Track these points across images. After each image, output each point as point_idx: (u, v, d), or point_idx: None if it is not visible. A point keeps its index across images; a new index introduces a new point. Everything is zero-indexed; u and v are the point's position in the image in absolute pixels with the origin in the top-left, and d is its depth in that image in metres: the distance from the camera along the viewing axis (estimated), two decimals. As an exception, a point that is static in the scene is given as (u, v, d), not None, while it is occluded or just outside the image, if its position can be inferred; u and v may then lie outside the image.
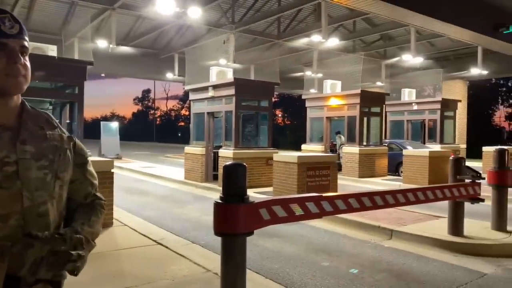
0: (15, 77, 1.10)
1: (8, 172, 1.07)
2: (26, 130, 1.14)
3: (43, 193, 1.13)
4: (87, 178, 1.32)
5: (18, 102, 1.17)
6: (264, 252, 5.36)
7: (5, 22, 1.10)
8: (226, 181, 3.07)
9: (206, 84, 11.95)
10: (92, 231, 1.24)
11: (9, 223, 1.06)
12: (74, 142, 1.29)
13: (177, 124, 68.33)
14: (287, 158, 9.26)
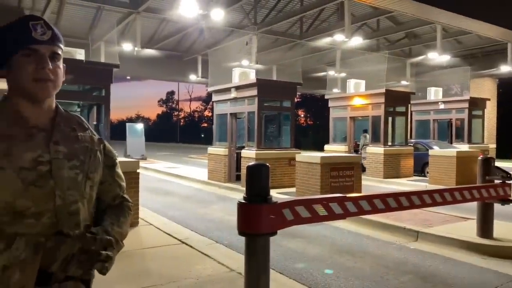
0: (43, 82, 1.13)
1: (42, 171, 1.11)
2: (59, 132, 1.18)
3: (75, 192, 1.16)
4: (115, 180, 1.36)
5: (52, 105, 1.22)
6: (287, 253, 5.36)
7: (37, 29, 1.13)
8: (249, 182, 3.09)
9: (229, 85, 12.03)
10: (121, 232, 1.27)
11: (42, 221, 1.10)
12: (104, 144, 1.33)
13: (200, 125, 69.01)
14: (310, 158, 9.21)
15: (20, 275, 1.01)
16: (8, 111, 1.14)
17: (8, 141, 1.08)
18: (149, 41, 19.41)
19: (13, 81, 1.15)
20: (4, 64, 1.14)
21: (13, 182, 1.06)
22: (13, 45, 1.13)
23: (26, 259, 1.02)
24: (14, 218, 1.07)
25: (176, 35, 19.09)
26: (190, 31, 18.67)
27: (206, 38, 19.73)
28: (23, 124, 1.13)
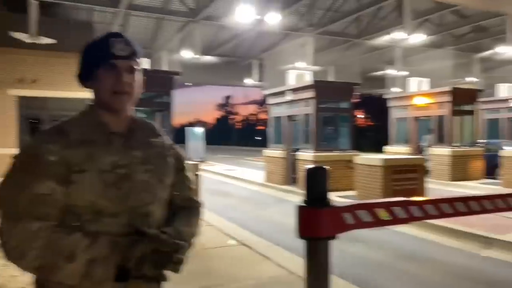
0: (119, 94, 1.22)
1: (120, 174, 1.19)
2: (135, 138, 1.27)
3: (148, 194, 1.24)
4: (185, 183, 1.42)
5: (129, 113, 1.31)
6: (348, 257, 5.26)
7: (117, 45, 1.22)
8: (308, 184, 3.07)
9: (285, 88, 12.06)
10: (192, 233, 1.35)
11: (119, 220, 1.18)
12: (175, 149, 1.41)
13: (256, 128, 69.65)
14: (371, 160, 8.96)
15: (101, 270, 1.09)
16: (92, 118, 1.25)
17: (91, 146, 1.18)
18: (207, 48, 19.98)
19: (96, 92, 1.26)
20: (90, 76, 1.26)
21: (95, 184, 1.15)
22: (96, 60, 1.23)
23: (106, 255, 1.11)
24: (94, 217, 1.16)
25: (232, 41, 19.48)
26: (246, 37, 18.97)
27: (262, 42, 19.93)
28: (104, 131, 1.23)
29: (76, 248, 1.08)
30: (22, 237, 1.07)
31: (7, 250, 1.08)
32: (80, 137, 1.18)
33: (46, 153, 1.13)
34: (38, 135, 1.19)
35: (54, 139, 1.15)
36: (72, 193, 1.14)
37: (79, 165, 1.14)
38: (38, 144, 1.15)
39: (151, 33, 17.88)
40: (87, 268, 1.08)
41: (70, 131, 1.18)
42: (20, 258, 1.08)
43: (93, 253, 1.09)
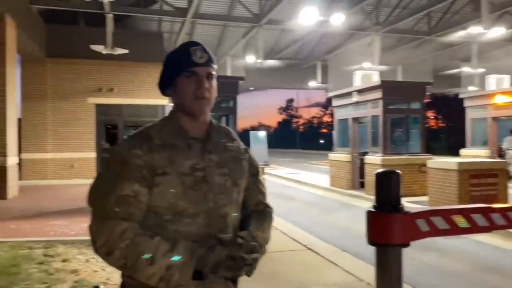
0: (200, 100, 1.28)
1: (198, 177, 1.24)
2: (212, 142, 1.32)
3: (224, 197, 1.29)
4: (258, 187, 1.46)
5: (207, 119, 1.36)
6: (421, 266, 4.97)
7: (196, 53, 1.28)
8: (379, 189, 2.94)
9: (350, 89, 11.76)
10: (264, 237, 1.37)
11: (197, 221, 1.23)
12: (249, 154, 1.45)
13: (320, 131, 68.76)
14: (445, 164, 8.42)
15: (179, 276, 1.15)
16: (173, 124, 1.31)
17: (173, 150, 1.24)
18: (270, 52, 20.13)
19: (177, 99, 1.32)
20: (170, 84, 1.32)
21: (176, 186, 1.21)
22: (177, 68, 1.30)
23: (184, 262, 1.16)
24: (175, 217, 1.22)
25: (295, 44, 19.42)
26: (309, 39, 18.80)
27: (326, 44, 19.65)
28: (184, 136, 1.29)
29: (156, 252, 1.14)
30: (109, 236, 1.15)
31: (96, 247, 1.18)
32: (163, 142, 1.25)
33: (133, 158, 1.21)
34: (126, 140, 1.28)
35: (140, 144, 1.23)
36: (155, 194, 1.21)
37: (162, 168, 1.21)
38: (126, 149, 1.23)
39: (216, 40, 18.40)
40: (165, 273, 1.14)
41: (153, 136, 1.26)
42: (107, 255, 1.16)
43: (171, 260, 1.15)
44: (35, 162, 14.49)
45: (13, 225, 6.82)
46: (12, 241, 5.59)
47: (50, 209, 8.36)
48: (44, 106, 14.64)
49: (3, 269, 4.39)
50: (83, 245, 5.45)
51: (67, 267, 4.53)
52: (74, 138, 14.87)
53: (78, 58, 14.61)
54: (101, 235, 1.16)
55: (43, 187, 12.56)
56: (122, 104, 15.38)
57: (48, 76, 14.70)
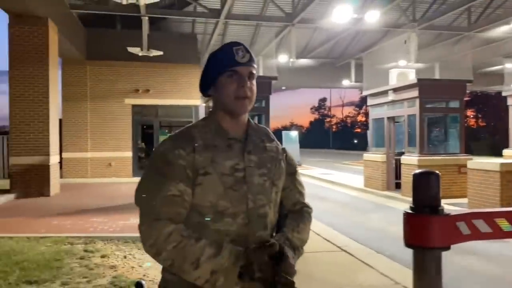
0: (242, 99, 1.29)
1: (238, 177, 1.26)
2: (251, 143, 1.33)
3: (263, 197, 1.29)
4: (296, 186, 1.46)
5: (246, 119, 1.37)
6: (461, 271, 4.79)
7: (239, 53, 1.29)
8: (417, 190, 2.86)
9: (386, 88, 11.49)
10: (301, 238, 1.35)
11: (237, 220, 1.25)
12: (287, 154, 1.45)
13: (353, 130, 67.62)
14: (487, 165, 8.07)
15: (223, 280, 1.16)
16: (213, 124, 1.32)
17: (214, 151, 1.26)
18: (302, 51, 19.99)
19: (218, 99, 1.33)
20: (213, 84, 1.34)
21: (217, 186, 1.23)
22: (220, 67, 1.30)
23: (229, 267, 1.17)
24: (216, 217, 1.24)
25: (328, 42, 19.18)
26: (342, 37, 18.53)
27: (360, 42, 19.30)
28: (224, 136, 1.30)
29: (201, 256, 1.16)
30: (157, 238, 1.17)
31: (146, 246, 1.21)
32: (204, 142, 1.27)
33: (176, 158, 1.23)
34: (169, 141, 1.29)
35: (183, 144, 1.25)
36: (197, 193, 1.23)
37: (204, 168, 1.23)
38: (170, 149, 1.25)
39: (249, 40, 18.47)
40: (210, 277, 1.16)
41: (196, 136, 1.28)
42: (155, 255, 1.19)
43: (216, 265, 1.16)
44: (75, 161, 15.09)
45: (55, 221, 7.13)
46: (54, 236, 5.85)
47: (90, 207, 8.68)
48: (83, 107, 15.23)
49: (47, 263, 4.60)
50: (120, 242, 5.62)
51: (106, 262, 4.69)
52: (112, 138, 15.37)
53: (115, 60, 15.10)
54: (150, 236, 1.18)
55: (83, 185, 13.06)
56: (157, 104, 15.75)
57: (87, 78, 15.27)
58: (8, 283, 3.99)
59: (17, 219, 7.45)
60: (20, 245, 5.35)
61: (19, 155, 10.39)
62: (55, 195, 10.75)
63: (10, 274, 4.24)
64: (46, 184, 10.47)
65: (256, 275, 1.16)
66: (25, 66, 10.43)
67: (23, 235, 5.94)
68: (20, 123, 10.44)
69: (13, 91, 10.46)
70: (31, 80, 10.48)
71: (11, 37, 10.45)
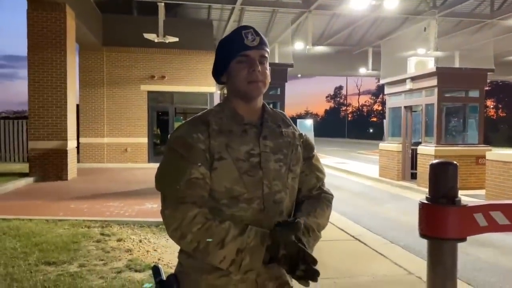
0: (254, 83, 1.27)
1: (253, 163, 1.25)
2: (267, 128, 1.31)
3: (278, 183, 1.27)
4: (312, 171, 1.42)
5: (260, 104, 1.35)
6: (476, 262, 4.74)
7: (248, 36, 1.27)
8: (433, 181, 2.81)
9: (404, 76, 11.29)
10: (318, 222, 1.32)
11: (252, 206, 1.23)
12: (304, 138, 1.42)
13: (369, 119, 66.89)
14: (506, 157, 7.91)
15: (249, 260, 1.16)
16: (228, 110, 1.31)
17: (229, 136, 1.25)
18: (319, 38, 19.72)
19: (231, 85, 1.31)
20: (225, 70, 1.32)
21: (232, 171, 1.23)
22: (231, 53, 1.29)
23: (255, 246, 1.16)
24: (231, 202, 1.23)
25: (345, 29, 18.86)
26: (360, 24, 18.19)
27: (378, 29, 18.93)
28: (239, 121, 1.29)
29: (226, 236, 1.16)
30: (182, 221, 1.17)
31: (170, 231, 1.21)
32: (219, 127, 1.26)
33: (196, 142, 1.23)
34: (185, 125, 1.29)
35: (201, 129, 1.25)
36: (213, 178, 1.23)
37: (219, 153, 1.23)
38: (188, 134, 1.25)
39: (265, 26, 18.31)
40: (235, 256, 1.16)
41: (211, 121, 1.27)
42: (180, 238, 1.19)
43: (242, 244, 1.16)
44: (92, 146, 15.33)
45: (72, 205, 7.29)
46: (72, 219, 5.98)
47: (106, 191, 8.83)
48: (100, 93, 15.39)
49: (65, 245, 4.71)
50: (136, 226, 5.72)
51: (122, 246, 4.78)
52: (128, 124, 15.54)
53: (131, 46, 15.17)
54: (174, 219, 1.18)
55: (99, 170, 13.28)
56: (172, 91, 15.81)
57: (104, 64, 15.40)
58: (28, 263, 4.11)
59: (36, 202, 7.64)
60: (39, 227, 5.49)
61: (37, 139, 10.60)
62: (72, 179, 10.96)
63: (30, 255, 4.36)
64: (63, 168, 10.68)
65: (281, 253, 1.15)
66: (43, 52, 10.57)
67: (42, 217, 6.09)
68: (39, 108, 10.63)
69: (32, 77, 10.63)
70: (49, 65, 10.63)
71: (30, 23, 10.57)
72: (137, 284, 3.61)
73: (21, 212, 6.48)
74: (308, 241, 1.25)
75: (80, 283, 3.62)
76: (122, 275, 3.84)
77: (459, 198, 2.82)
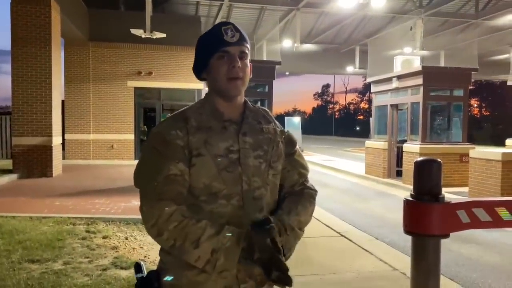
0: (234, 80, 1.26)
1: (232, 159, 1.25)
2: (247, 124, 1.31)
3: (258, 179, 1.27)
4: (294, 167, 1.41)
5: (242, 101, 1.35)
6: (459, 259, 4.83)
7: (227, 32, 1.26)
8: (418, 178, 2.86)
9: (390, 75, 11.41)
10: (299, 219, 1.32)
11: (231, 202, 1.23)
12: (286, 134, 1.41)
13: (356, 117, 67.44)
14: (489, 154, 8.07)
15: (224, 260, 1.16)
16: (209, 106, 1.31)
17: (208, 132, 1.25)
18: (307, 36, 19.79)
19: (211, 81, 1.31)
20: (205, 67, 1.32)
21: (210, 167, 1.22)
22: (210, 49, 1.28)
23: (230, 247, 1.16)
24: (210, 198, 1.23)
25: (333, 27, 18.98)
26: (347, 22, 18.33)
27: (365, 28, 19.08)
28: (219, 118, 1.29)
29: (201, 235, 1.16)
30: (159, 218, 1.17)
31: (147, 227, 1.21)
32: (198, 124, 1.26)
33: (174, 138, 1.23)
34: (165, 122, 1.29)
35: (180, 125, 1.25)
36: (192, 175, 1.22)
37: (197, 149, 1.22)
38: (166, 130, 1.24)
39: (253, 23, 18.29)
40: (210, 256, 1.16)
41: (190, 117, 1.27)
42: (157, 236, 1.19)
43: (217, 244, 1.16)
44: (78, 142, 15.13)
45: (57, 202, 7.20)
46: (57, 216, 5.90)
47: (91, 188, 8.74)
48: (86, 88, 15.18)
49: (49, 242, 4.65)
50: (122, 224, 5.67)
51: (108, 243, 4.74)
52: (114, 120, 15.37)
53: (118, 41, 14.99)
54: (152, 216, 1.18)
55: (85, 167, 13.13)
56: (160, 87, 15.70)
57: (90, 60, 15.19)
58: (11, 261, 4.05)
59: (20, 199, 7.52)
60: (23, 225, 5.41)
61: (21, 135, 10.43)
62: (57, 176, 10.81)
63: (13, 252, 4.30)
64: (48, 165, 10.52)
65: (256, 256, 1.16)
66: (27, 46, 10.38)
67: (25, 214, 6.00)
68: (23, 104, 10.44)
69: (16, 72, 10.43)
70: (34, 60, 10.44)
71: (14, 16, 10.37)
72: (123, 281, 3.59)
73: (4, 209, 6.37)
74: (287, 240, 1.25)
75: (64, 281, 3.58)
76: (108, 272, 3.81)
77: (443, 195, 2.88)
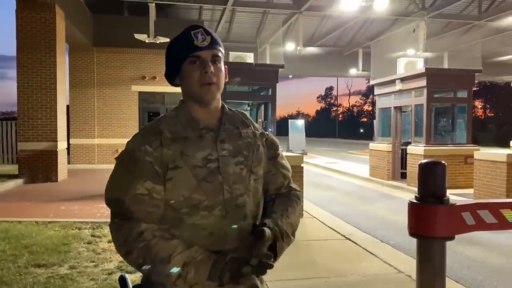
0: (207, 85, 1.22)
1: (212, 168, 1.20)
2: (225, 131, 1.26)
3: (240, 186, 1.23)
4: (279, 169, 1.38)
5: (219, 106, 1.30)
6: (464, 261, 4.81)
7: (197, 36, 1.22)
8: (422, 180, 2.86)
9: (393, 77, 11.40)
10: (291, 223, 1.29)
11: (213, 213, 1.19)
12: (266, 138, 1.37)
13: (360, 120, 67.36)
14: (494, 156, 8.03)
15: (194, 273, 1.11)
16: (184, 115, 1.26)
17: (184, 143, 1.20)
18: (310, 39, 19.82)
19: (184, 87, 1.26)
20: (177, 73, 1.27)
21: (189, 179, 1.18)
22: (181, 55, 1.24)
23: (201, 260, 1.12)
24: (191, 211, 1.18)
25: (336, 30, 19.00)
26: (350, 25, 18.34)
27: (368, 30, 19.09)
28: (195, 126, 1.24)
29: (173, 252, 1.12)
30: (127, 237, 1.14)
31: (116, 246, 1.17)
32: (174, 135, 1.21)
33: (143, 155, 1.17)
34: (136, 136, 1.23)
35: (150, 140, 1.19)
36: (168, 189, 1.18)
37: (174, 162, 1.18)
38: (136, 146, 1.19)
39: (256, 27, 18.35)
40: (181, 270, 1.11)
41: (164, 129, 1.21)
42: (126, 255, 1.15)
43: (188, 257, 1.12)
44: (83, 147, 15.22)
45: (63, 207, 7.24)
46: (62, 221, 5.94)
47: (97, 192, 8.77)
48: (90, 93, 15.28)
49: (55, 247, 4.68)
50: (127, 227, 5.69)
51: (113, 247, 4.75)
52: (119, 124, 15.46)
53: (122, 47, 15.09)
54: (120, 235, 1.15)
55: (90, 171, 13.18)
56: (164, 92, 15.77)
57: (94, 65, 15.30)
58: (17, 266, 4.08)
59: (26, 203, 7.56)
60: (29, 229, 5.44)
61: (27, 140, 10.50)
62: (63, 180, 10.87)
63: (19, 257, 4.33)
64: (53, 169, 10.59)
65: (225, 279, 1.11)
66: (32, 52, 10.47)
67: (31, 219, 6.04)
68: (28, 109, 10.53)
69: (21, 77, 10.52)
70: (39, 66, 10.53)
71: (19, 23, 10.48)
72: (129, 285, 3.60)
73: (10, 214, 6.42)
74: (281, 246, 1.22)
75: (70, 285, 3.60)
76: (113, 276, 3.83)
77: (448, 197, 2.87)
